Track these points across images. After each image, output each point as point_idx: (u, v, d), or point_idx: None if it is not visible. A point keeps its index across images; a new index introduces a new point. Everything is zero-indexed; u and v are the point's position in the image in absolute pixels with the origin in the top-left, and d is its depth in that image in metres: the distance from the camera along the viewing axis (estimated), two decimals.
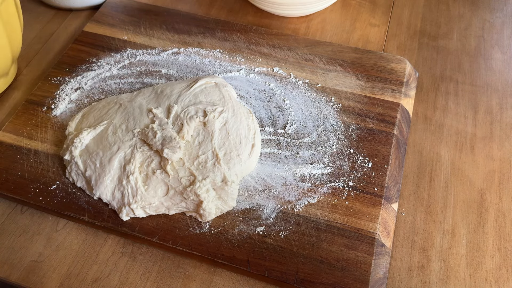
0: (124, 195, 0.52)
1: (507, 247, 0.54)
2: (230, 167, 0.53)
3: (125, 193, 0.52)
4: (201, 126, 0.55)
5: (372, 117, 0.61)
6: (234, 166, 0.54)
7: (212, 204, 0.52)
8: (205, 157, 0.53)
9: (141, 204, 0.52)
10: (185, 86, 0.59)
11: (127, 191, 0.52)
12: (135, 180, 0.52)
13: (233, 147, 0.54)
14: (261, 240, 0.51)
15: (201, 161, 0.53)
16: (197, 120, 0.55)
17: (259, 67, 0.67)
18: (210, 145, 0.54)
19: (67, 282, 0.51)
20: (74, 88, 0.64)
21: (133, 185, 0.52)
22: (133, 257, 0.52)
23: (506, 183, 0.59)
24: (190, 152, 0.54)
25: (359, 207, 0.54)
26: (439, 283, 0.51)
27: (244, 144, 0.55)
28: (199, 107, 0.56)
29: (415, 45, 0.74)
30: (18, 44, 0.65)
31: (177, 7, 0.78)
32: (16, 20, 0.62)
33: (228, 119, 0.56)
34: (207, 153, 0.53)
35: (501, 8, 0.79)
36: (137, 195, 0.52)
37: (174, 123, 0.56)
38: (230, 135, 0.55)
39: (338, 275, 0.49)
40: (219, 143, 0.54)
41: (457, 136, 0.63)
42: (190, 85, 0.59)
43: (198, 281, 0.51)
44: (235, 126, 0.56)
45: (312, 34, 0.75)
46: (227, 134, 0.55)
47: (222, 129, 0.55)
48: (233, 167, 0.53)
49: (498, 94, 0.67)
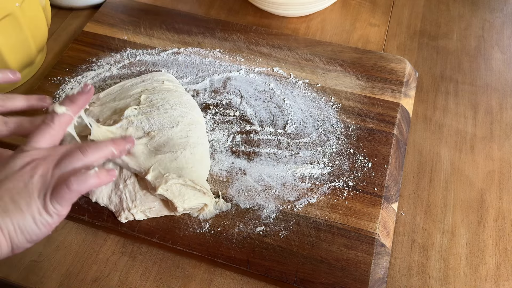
0: (122, 200, 0.52)
1: (507, 247, 0.54)
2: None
3: (123, 198, 0.52)
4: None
5: (372, 117, 0.61)
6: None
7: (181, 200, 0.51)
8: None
9: (141, 209, 0.52)
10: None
11: (125, 196, 0.52)
12: (133, 184, 0.52)
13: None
14: (261, 240, 0.51)
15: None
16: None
17: (259, 67, 0.67)
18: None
19: (66, 281, 0.51)
20: (74, 88, 0.64)
21: (130, 189, 0.52)
22: (132, 257, 0.52)
23: (506, 183, 0.59)
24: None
25: (359, 207, 0.54)
26: (439, 283, 0.51)
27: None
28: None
29: (415, 45, 0.74)
30: (43, 36, 0.67)
31: (177, 7, 0.78)
32: (41, 12, 0.65)
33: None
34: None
35: (501, 8, 0.79)
36: (136, 199, 0.52)
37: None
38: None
39: (337, 275, 0.49)
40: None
41: (457, 136, 0.63)
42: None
43: (198, 281, 0.51)
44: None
45: (312, 34, 0.75)
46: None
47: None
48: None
49: (498, 94, 0.67)
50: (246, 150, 0.58)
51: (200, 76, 0.66)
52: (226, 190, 0.55)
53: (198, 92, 0.64)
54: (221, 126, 0.61)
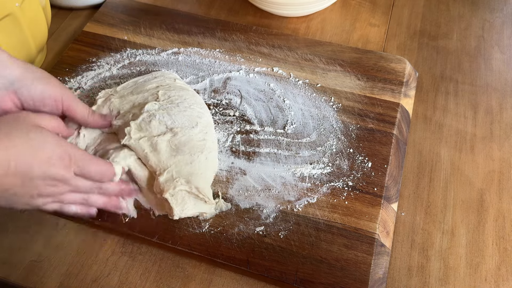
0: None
1: (507, 247, 0.54)
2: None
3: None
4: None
5: (372, 117, 0.61)
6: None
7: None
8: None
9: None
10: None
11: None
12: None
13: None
14: (261, 240, 0.51)
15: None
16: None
17: (259, 67, 0.67)
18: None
19: (66, 281, 0.51)
20: (74, 88, 0.64)
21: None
22: (132, 256, 0.52)
23: (506, 183, 0.59)
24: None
25: (359, 207, 0.54)
26: (439, 283, 0.51)
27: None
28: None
29: (415, 45, 0.74)
30: (43, 36, 0.67)
31: (177, 7, 0.78)
32: (41, 12, 0.65)
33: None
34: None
35: (501, 8, 0.79)
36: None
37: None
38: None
39: (337, 275, 0.49)
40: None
41: (457, 136, 0.63)
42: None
43: (198, 281, 0.51)
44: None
45: (312, 34, 0.75)
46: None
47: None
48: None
49: (498, 94, 0.67)
50: (246, 150, 0.58)
51: (200, 76, 0.66)
52: (226, 190, 0.55)
53: (198, 92, 0.64)
54: (221, 126, 0.61)
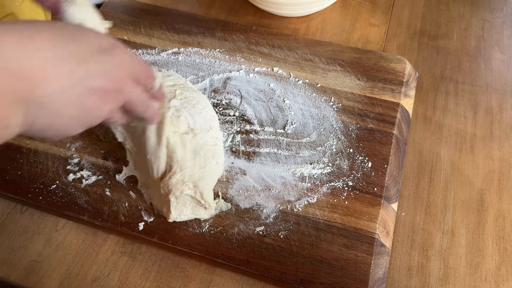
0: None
1: (507, 247, 0.54)
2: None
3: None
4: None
5: (372, 117, 0.61)
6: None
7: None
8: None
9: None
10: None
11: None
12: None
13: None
14: (261, 240, 0.51)
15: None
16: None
17: (259, 67, 0.67)
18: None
19: (66, 281, 0.51)
20: None
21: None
22: (132, 256, 0.52)
23: (505, 183, 0.59)
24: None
25: (359, 207, 0.54)
26: (439, 283, 0.51)
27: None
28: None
29: (415, 45, 0.74)
30: None
31: (177, 7, 0.78)
32: (41, 13, 0.65)
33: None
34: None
35: (501, 8, 0.79)
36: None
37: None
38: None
39: (337, 275, 0.49)
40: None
41: (457, 136, 0.63)
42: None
43: (198, 281, 0.51)
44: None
45: (312, 34, 0.75)
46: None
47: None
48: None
49: (498, 94, 0.67)
50: (246, 150, 0.58)
51: (200, 76, 0.66)
52: (226, 190, 0.55)
53: None
54: (221, 126, 0.61)
